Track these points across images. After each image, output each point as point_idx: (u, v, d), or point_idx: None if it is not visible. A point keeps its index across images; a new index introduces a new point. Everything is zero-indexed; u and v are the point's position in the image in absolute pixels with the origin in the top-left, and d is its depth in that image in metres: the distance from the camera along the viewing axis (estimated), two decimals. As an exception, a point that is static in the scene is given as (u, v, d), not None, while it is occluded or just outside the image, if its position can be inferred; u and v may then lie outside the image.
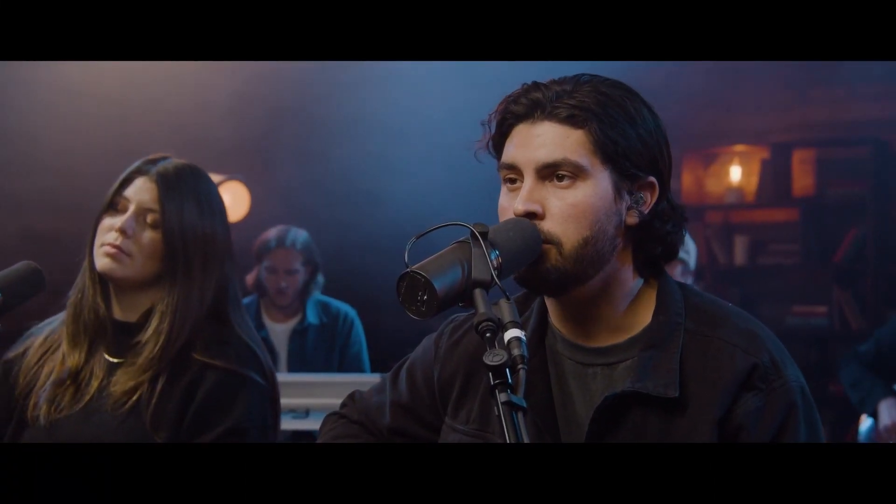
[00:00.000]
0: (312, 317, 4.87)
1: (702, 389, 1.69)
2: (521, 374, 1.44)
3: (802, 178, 6.53)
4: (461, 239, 1.61)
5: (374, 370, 4.89)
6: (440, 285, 1.52)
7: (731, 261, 6.66)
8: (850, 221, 6.32)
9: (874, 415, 3.90)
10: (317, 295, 4.95)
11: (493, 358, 1.44)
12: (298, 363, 4.78)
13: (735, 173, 6.67)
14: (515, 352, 1.46)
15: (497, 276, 1.56)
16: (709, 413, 1.67)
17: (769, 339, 1.74)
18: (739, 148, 6.69)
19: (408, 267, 1.55)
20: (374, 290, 6.01)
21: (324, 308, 4.93)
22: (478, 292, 1.54)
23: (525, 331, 1.60)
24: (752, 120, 6.56)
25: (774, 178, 6.54)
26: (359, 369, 4.85)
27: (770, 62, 6.06)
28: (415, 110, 5.47)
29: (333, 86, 5.59)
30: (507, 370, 1.44)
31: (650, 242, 1.77)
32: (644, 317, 1.78)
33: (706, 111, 6.45)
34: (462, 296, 1.55)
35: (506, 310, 1.52)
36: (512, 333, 1.49)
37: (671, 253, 1.81)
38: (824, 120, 6.38)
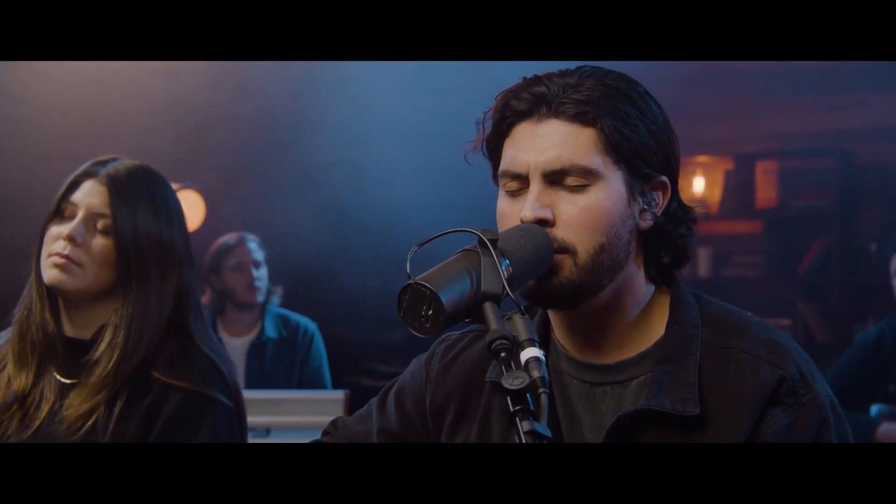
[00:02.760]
0: (271, 330, 4.73)
1: (724, 406, 1.56)
2: (543, 399, 1.30)
3: (766, 190, 6.47)
4: (467, 247, 1.46)
5: (335, 386, 4.76)
6: (447, 298, 1.37)
7: (694, 273, 6.56)
8: (814, 233, 6.26)
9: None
10: (275, 308, 4.82)
11: (512, 381, 1.29)
12: (257, 379, 4.62)
13: (698, 184, 6.59)
14: (535, 373, 1.32)
15: (509, 288, 1.41)
16: (733, 431, 1.54)
17: (795, 350, 1.61)
18: (702, 159, 6.61)
19: (410, 278, 1.39)
20: (335, 301, 5.90)
21: (283, 321, 4.79)
22: (488, 306, 1.39)
23: None
24: (715, 130, 6.49)
25: (738, 189, 6.48)
26: (320, 385, 4.71)
27: (736, 72, 6.02)
28: (381, 118, 5.34)
29: (294, 92, 5.44)
30: (528, 395, 1.29)
31: (662, 246, 1.64)
32: (656, 328, 1.64)
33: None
34: (471, 310, 1.40)
35: (521, 326, 1.37)
36: (529, 353, 1.34)
37: (683, 257, 1.68)
38: (788, 130, 6.33)
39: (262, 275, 4.71)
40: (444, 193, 4.84)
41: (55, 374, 2.16)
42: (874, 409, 3.86)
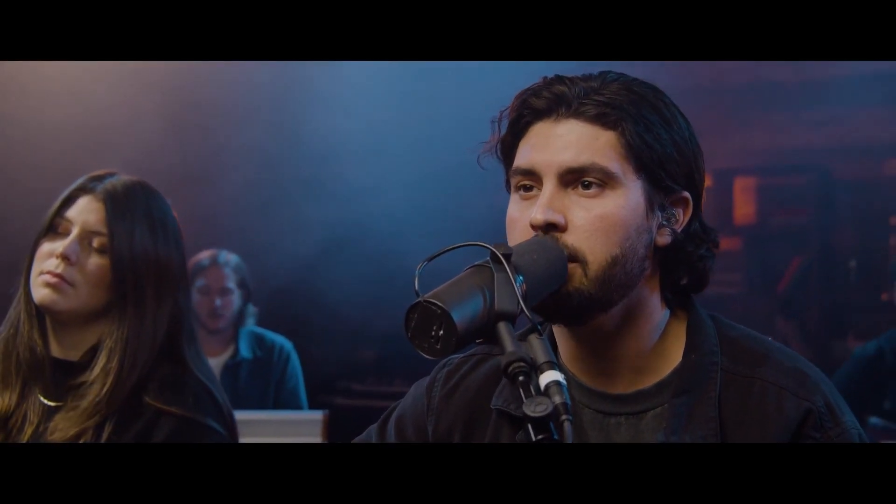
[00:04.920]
0: (245, 350, 4.61)
1: (746, 440, 1.47)
2: (567, 426, 1.20)
3: (744, 207, 6.43)
4: (478, 262, 1.36)
5: (309, 405, 4.67)
6: (459, 317, 1.27)
7: (672, 291, 6.52)
8: (793, 250, 6.22)
9: None
10: (250, 326, 4.69)
11: (535, 408, 1.19)
12: (231, 400, 4.41)
13: (676, 201, 6.54)
14: (557, 399, 1.22)
15: (525, 306, 1.31)
16: None
17: (821, 380, 1.52)
18: (681, 175, 6.57)
19: (418, 295, 1.29)
20: (308, 318, 5.78)
21: (258, 341, 4.67)
22: (502, 326, 1.29)
23: None
24: (693, 146, 6.44)
25: (716, 206, 6.42)
26: (296, 406, 4.60)
27: (713, 88, 5.98)
28: (362, 130, 5.25)
29: (271, 104, 5.34)
30: (552, 423, 1.19)
31: (680, 268, 1.55)
32: (673, 355, 1.55)
33: (647, 137, 6.32)
34: (483, 330, 1.30)
35: (538, 348, 1.27)
36: (550, 377, 1.24)
37: (702, 281, 1.58)
38: (766, 147, 6.30)
39: (229, 301, 4.57)
40: (426, 207, 4.76)
41: (40, 396, 2.08)
42: (871, 420, 3.82)
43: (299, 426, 3.67)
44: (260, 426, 3.61)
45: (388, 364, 6.17)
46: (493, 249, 1.34)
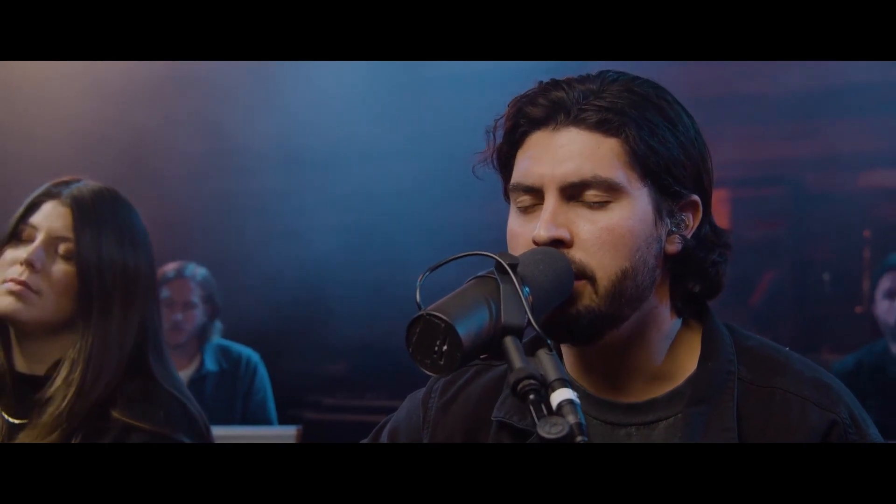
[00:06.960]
0: (211, 363, 4.49)
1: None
2: None
3: (717, 219, 6.32)
4: (481, 273, 1.28)
5: (279, 420, 4.58)
6: (465, 331, 1.19)
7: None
8: (766, 263, 6.21)
9: None
10: (216, 339, 4.56)
11: (550, 429, 1.11)
12: (198, 415, 4.36)
13: (649, 213, 6.51)
14: (571, 419, 1.14)
15: (533, 319, 1.23)
16: None
17: (843, 391, 1.47)
18: (653, 187, 6.54)
19: (420, 308, 1.21)
20: (277, 331, 5.69)
21: (223, 353, 4.56)
22: (509, 340, 1.22)
23: None
24: (665, 158, 6.42)
25: (689, 218, 6.41)
26: (265, 420, 4.50)
27: (686, 101, 5.95)
28: (340, 142, 5.18)
29: (238, 117, 5.25)
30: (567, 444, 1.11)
31: (692, 275, 1.49)
32: (687, 364, 1.48)
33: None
34: (489, 345, 1.22)
35: (549, 364, 1.20)
36: (562, 395, 1.16)
37: (715, 287, 1.51)
38: (739, 159, 6.27)
39: (191, 315, 4.45)
40: (411, 218, 4.69)
41: (3, 413, 1.99)
42: None
43: (269, 440, 3.58)
44: (230, 441, 3.52)
45: (358, 377, 6.09)
46: (499, 259, 1.27)
